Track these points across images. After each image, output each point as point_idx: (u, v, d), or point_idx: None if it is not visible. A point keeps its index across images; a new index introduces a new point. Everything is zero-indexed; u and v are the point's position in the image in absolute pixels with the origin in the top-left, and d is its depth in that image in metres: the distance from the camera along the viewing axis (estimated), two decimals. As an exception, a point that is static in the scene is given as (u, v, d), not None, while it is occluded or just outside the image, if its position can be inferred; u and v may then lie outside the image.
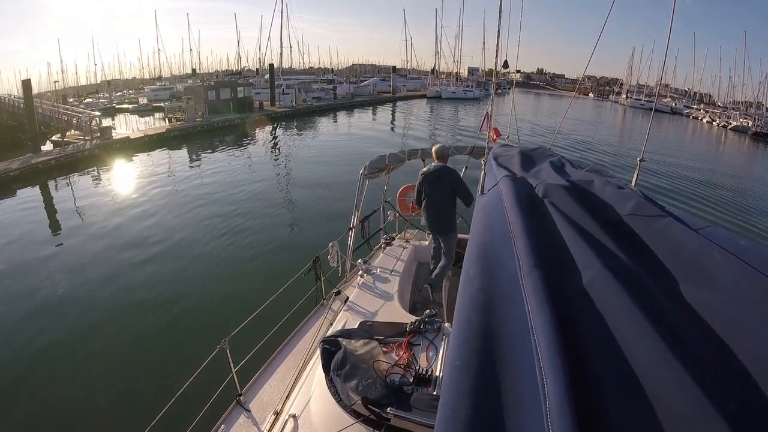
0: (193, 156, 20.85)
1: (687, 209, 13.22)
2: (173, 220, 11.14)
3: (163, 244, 9.55)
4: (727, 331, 1.04)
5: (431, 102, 51.80)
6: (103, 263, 8.64)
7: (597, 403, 0.87)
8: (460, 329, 1.12)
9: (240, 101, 32.09)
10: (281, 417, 2.60)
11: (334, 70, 77.48)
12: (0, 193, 14.04)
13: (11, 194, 14.23)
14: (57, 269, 8.52)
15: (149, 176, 16.50)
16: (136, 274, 8.11)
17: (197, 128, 25.82)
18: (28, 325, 6.54)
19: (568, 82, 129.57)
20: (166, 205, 12.47)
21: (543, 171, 2.67)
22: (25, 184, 15.26)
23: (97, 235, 10.26)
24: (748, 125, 41.73)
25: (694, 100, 68.04)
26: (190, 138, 24.20)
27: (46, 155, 18.30)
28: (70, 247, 9.67)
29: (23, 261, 8.93)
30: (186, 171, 17.79)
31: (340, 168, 16.92)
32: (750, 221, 13.13)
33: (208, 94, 30.17)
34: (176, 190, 14.31)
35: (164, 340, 6.13)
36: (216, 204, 12.52)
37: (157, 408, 2.55)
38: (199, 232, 10.26)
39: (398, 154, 5.61)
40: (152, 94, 45.68)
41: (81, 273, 8.27)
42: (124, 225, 10.92)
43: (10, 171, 15.73)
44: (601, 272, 1.28)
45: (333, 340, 2.61)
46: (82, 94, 42.97)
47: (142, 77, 67.33)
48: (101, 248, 9.39)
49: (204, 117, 28.02)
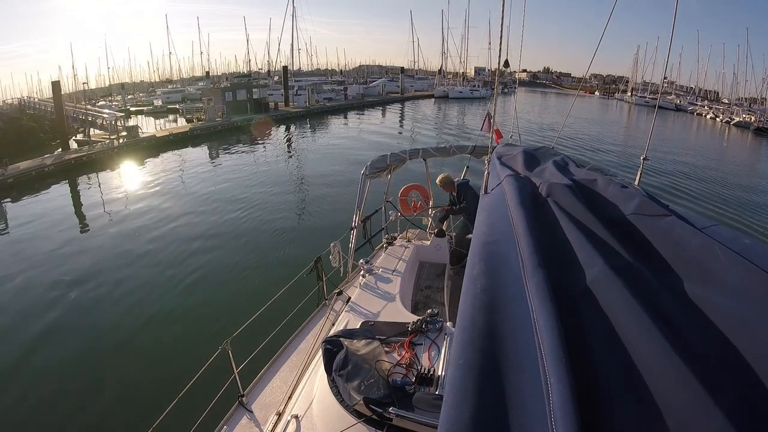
0: (213, 153, 21.37)
1: (690, 206, 12.95)
2: (179, 220, 11.03)
3: (163, 243, 9.41)
4: (730, 330, 1.02)
5: (439, 101, 51.61)
6: (114, 261, 8.60)
7: (601, 402, 0.85)
8: (464, 329, 1.09)
9: (256, 102, 32.49)
10: (283, 417, 2.55)
11: (342, 71, 77.20)
12: (36, 187, 14.74)
13: (45, 188, 14.88)
14: (67, 265, 8.51)
15: (168, 173, 16.86)
16: (140, 275, 7.99)
17: (218, 127, 26.56)
18: (32, 325, 6.49)
19: (574, 80, 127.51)
20: (174, 206, 12.39)
21: (547, 170, 2.59)
22: (58, 179, 15.89)
23: (106, 231, 10.31)
24: (751, 120, 41.37)
25: (700, 97, 66.64)
26: (211, 136, 24.87)
27: (77, 152, 19.03)
28: (84, 243, 9.72)
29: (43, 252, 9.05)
30: (206, 167, 18.17)
31: (354, 167, 16.97)
32: (753, 217, 12.80)
33: (226, 95, 30.71)
34: (188, 190, 14.39)
35: (167, 342, 6.04)
36: (225, 204, 12.43)
37: (160, 408, 2.51)
38: (204, 231, 10.13)
39: (400, 153, 5.53)
40: (164, 96, 46.10)
41: (94, 270, 8.24)
42: (139, 222, 10.97)
43: (45, 166, 16.47)
44: (604, 271, 1.25)
45: (335, 340, 2.55)
46: (93, 96, 42.95)
47: (150, 80, 67.50)
48: (112, 246, 9.41)
49: (223, 117, 28.61)
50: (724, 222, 11.53)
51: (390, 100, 49.81)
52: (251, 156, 20.55)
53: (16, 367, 5.63)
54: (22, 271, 8.33)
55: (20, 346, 6.03)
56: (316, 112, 36.31)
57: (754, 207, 14.01)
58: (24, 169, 15.84)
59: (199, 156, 20.97)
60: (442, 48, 62.90)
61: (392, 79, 62.93)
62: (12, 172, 15.24)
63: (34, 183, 15.18)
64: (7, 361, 5.72)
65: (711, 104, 58.38)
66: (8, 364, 5.67)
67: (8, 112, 26.70)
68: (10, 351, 5.93)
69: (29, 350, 5.96)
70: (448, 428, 0.83)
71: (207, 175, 16.68)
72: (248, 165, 18.38)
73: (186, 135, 24.27)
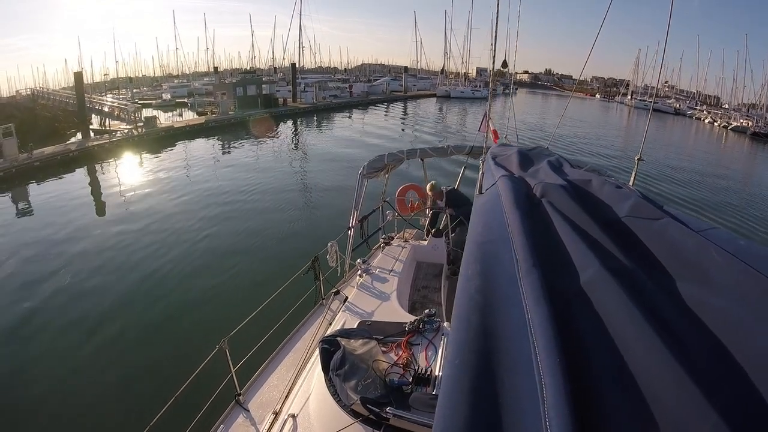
0: (225, 145, 21.79)
1: (686, 207, 12.84)
2: (182, 217, 10.79)
3: (162, 241, 9.16)
4: (725, 331, 1.00)
5: (441, 101, 51.42)
6: (116, 254, 8.46)
7: (595, 402, 0.83)
8: (459, 329, 1.08)
9: (265, 97, 32.60)
10: (280, 417, 2.50)
11: (346, 69, 76.76)
12: (61, 170, 15.37)
13: (70, 171, 15.56)
14: (70, 254, 8.42)
15: (185, 162, 17.23)
16: (136, 272, 7.78)
17: (231, 120, 27.06)
18: (27, 320, 6.33)
19: (574, 82, 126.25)
20: (184, 199, 12.25)
21: (541, 170, 2.54)
22: (82, 163, 16.57)
23: (113, 229, 10.10)
24: (748, 125, 41.45)
25: (700, 102, 66.04)
26: (224, 129, 25.38)
27: (99, 139, 19.64)
28: (89, 235, 9.61)
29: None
30: (218, 158, 18.52)
31: (357, 164, 16.86)
32: (748, 218, 12.70)
33: (237, 90, 30.85)
34: (200, 181, 14.35)
35: (163, 340, 5.88)
36: (224, 200, 12.19)
37: (157, 407, 2.45)
38: (201, 229, 9.87)
39: (397, 153, 5.44)
40: (171, 90, 45.96)
41: (95, 262, 8.12)
42: (145, 213, 10.93)
43: (70, 152, 17.26)
44: (599, 272, 1.22)
45: (332, 339, 2.50)
46: (99, 90, 42.59)
47: (154, 75, 66.57)
48: (116, 240, 9.27)
49: (235, 111, 28.97)
50: (719, 223, 11.41)
51: (393, 98, 49.74)
52: (260, 149, 20.68)
53: (9, 361, 5.46)
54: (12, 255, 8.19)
55: (11, 340, 5.86)
56: (323, 109, 36.58)
57: (747, 210, 13.89)
58: (49, 154, 16.47)
59: (211, 147, 21.36)
60: (445, 48, 62.70)
61: (395, 77, 62.72)
62: (38, 156, 15.87)
63: (59, 167, 15.72)
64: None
65: (710, 109, 58.01)
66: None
67: (23, 102, 26.92)
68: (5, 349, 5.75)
69: (24, 341, 5.82)
70: (442, 428, 0.81)
71: (220, 165, 16.92)
72: (255, 158, 18.45)
73: (201, 126, 24.94)
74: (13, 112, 20.77)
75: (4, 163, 14.64)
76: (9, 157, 14.95)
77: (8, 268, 7.97)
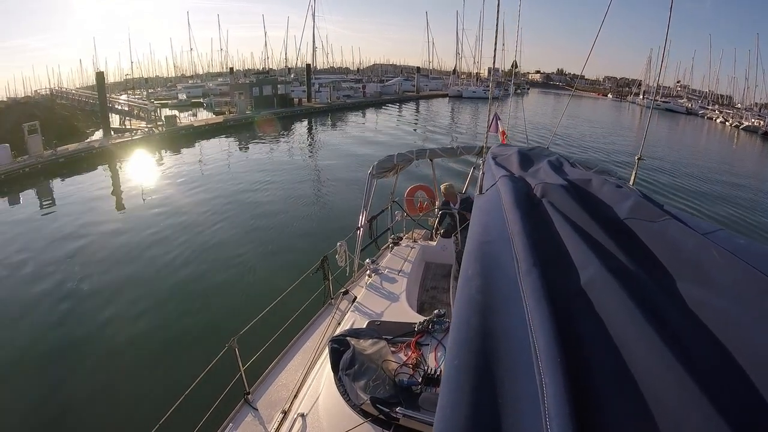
0: (243, 143, 22.03)
1: (692, 206, 12.55)
2: (192, 216, 10.57)
3: (165, 242, 9.02)
4: (725, 330, 0.98)
5: (453, 101, 51.08)
6: (126, 255, 8.37)
7: (595, 402, 0.82)
8: (459, 329, 1.06)
9: (281, 97, 32.79)
10: (289, 416, 2.47)
11: (359, 69, 76.56)
12: (85, 167, 15.77)
13: (93, 168, 15.91)
14: (78, 257, 8.31)
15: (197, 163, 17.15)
16: (146, 271, 7.70)
17: (249, 119, 27.31)
18: (43, 317, 6.29)
19: (587, 83, 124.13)
20: (189, 202, 11.96)
21: (541, 170, 2.49)
22: (105, 160, 16.92)
23: (118, 228, 10.07)
24: (759, 125, 40.63)
25: (712, 102, 64.42)
26: (242, 128, 25.66)
27: (120, 137, 20.01)
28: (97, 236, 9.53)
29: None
30: (236, 156, 18.72)
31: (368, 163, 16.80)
32: (756, 218, 12.32)
33: (253, 90, 31.10)
34: (207, 185, 14.09)
35: (173, 339, 5.80)
36: (239, 198, 12.15)
37: (166, 406, 2.43)
38: (210, 228, 9.74)
39: (406, 153, 5.36)
40: (186, 90, 46.29)
41: (111, 258, 8.10)
42: (159, 211, 10.92)
43: (93, 149, 17.74)
44: (599, 272, 1.20)
45: (342, 339, 2.48)
46: (117, 90, 42.90)
47: (168, 75, 66.72)
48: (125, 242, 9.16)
49: (251, 110, 29.20)
50: (724, 223, 11.09)
51: (406, 98, 49.56)
52: (276, 147, 20.79)
53: (19, 360, 5.41)
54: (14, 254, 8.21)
55: (20, 339, 5.82)
56: (337, 108, 36.65)
57: (755, 209, 13.47)
58: (73, 151, 16.87)
59: (228, 145, 21.62)
60: (457, 49, 61.94)
61: (407, 78, 62.48)
62: (62, 153, 16.30)
63: (82, 163, 16.12)
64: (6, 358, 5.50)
65: (722, 108, 56.63)
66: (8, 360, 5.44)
67: (42, 102, 27.30)
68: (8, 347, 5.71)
69: (34, 340, 5.75)
70: (443, 428, 0.80)
71: (236, 163, 17.11)
72: (269, 157, 18.52)
73: (220, 125, 25.22)
74: (33, 111, 21.09)
75: (30, 159, 15.02)
76: (34, 154, 15.33)
77: (27, 267, 7.98)
